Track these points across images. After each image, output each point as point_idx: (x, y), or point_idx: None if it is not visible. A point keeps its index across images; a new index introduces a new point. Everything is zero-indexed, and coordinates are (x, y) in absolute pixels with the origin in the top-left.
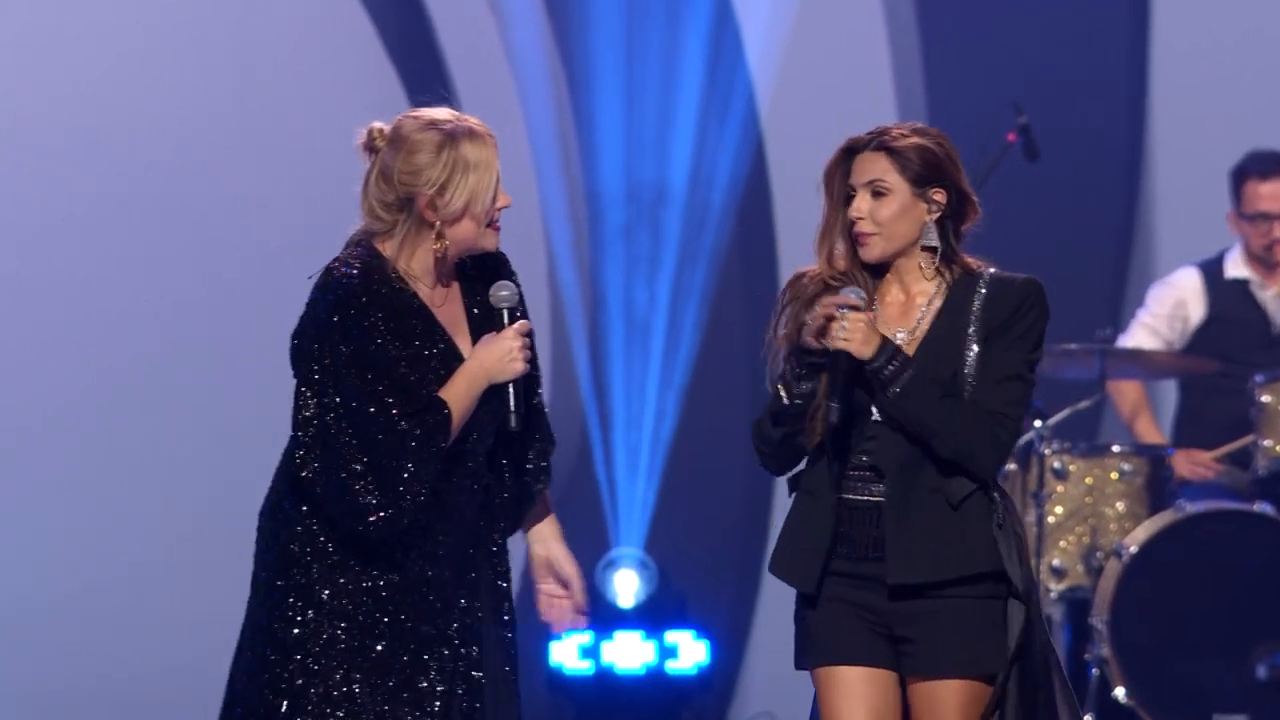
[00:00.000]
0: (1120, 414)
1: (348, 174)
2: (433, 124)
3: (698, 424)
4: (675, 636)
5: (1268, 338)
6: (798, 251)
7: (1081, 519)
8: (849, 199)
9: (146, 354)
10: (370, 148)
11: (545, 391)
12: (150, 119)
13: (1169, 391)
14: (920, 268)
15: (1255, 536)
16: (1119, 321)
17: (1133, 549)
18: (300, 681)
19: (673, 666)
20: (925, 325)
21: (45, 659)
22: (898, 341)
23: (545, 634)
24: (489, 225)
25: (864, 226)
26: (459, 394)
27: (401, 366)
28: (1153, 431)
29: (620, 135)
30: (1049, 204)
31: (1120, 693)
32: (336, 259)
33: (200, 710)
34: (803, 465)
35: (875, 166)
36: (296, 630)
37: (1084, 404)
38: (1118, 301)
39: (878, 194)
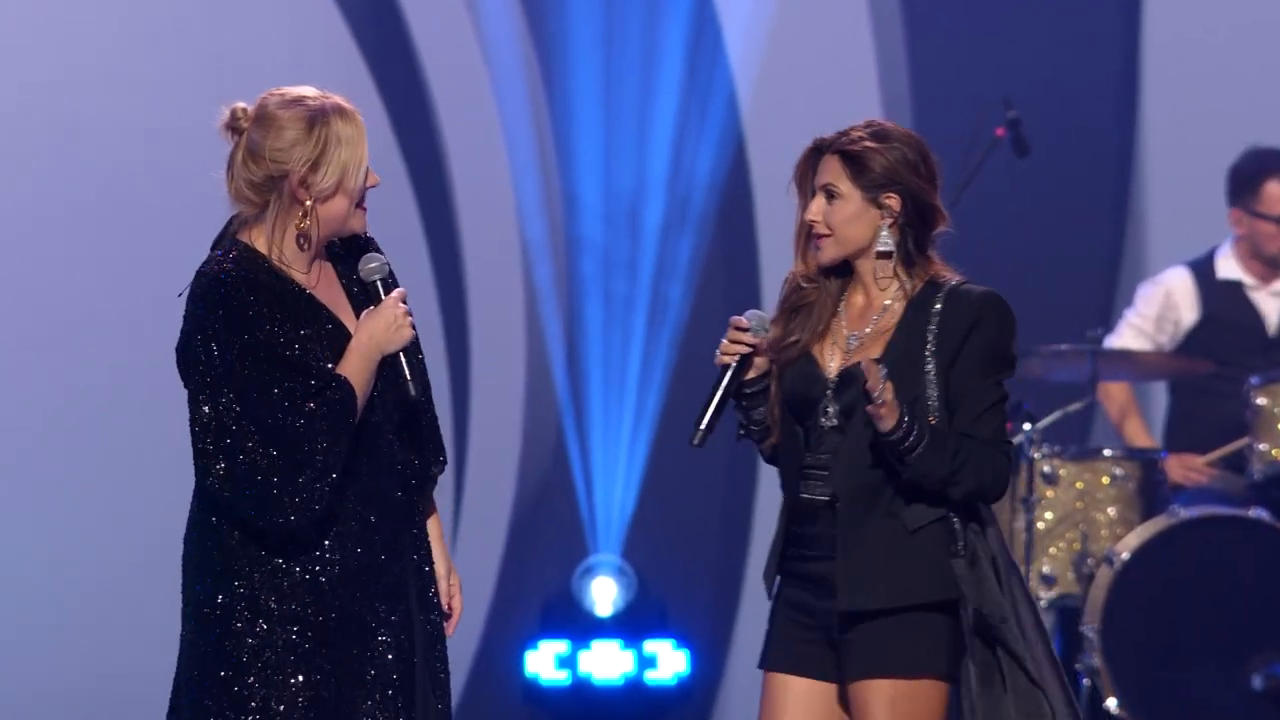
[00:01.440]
0: (1109, 416)
1: None
2: (300, 101)
3: (676, 428)
4: (654, 646)
5: (1263, 340)
6: (779, 254)
7: (1072, 525)
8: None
9: (129, 358)
10: (234, 128)
11: (521, 393)
12: (124, 118)
13: (1159, 394)
14: (875, 274)
15: (1251, 542)
16: (1110, 322)
17: (1125, 555)
18: (263, 694)
19: (652, 677)
20: (879, 334)
21: (46, 659)
22: (850, 346)
23: (521, 643)
24: (358, 205)
25: (817, 229)
26: (356, 369)
27: (295, 349)
28: (1142, 434)
29: (598, 134)
30: (1039, 201)
31: (1112, 704)
32: (205, 262)
33: None
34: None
35: (830, 169)
36: (252, 641)
37: (1074, 406)
38: (1109, 301)
39: (831, 197)
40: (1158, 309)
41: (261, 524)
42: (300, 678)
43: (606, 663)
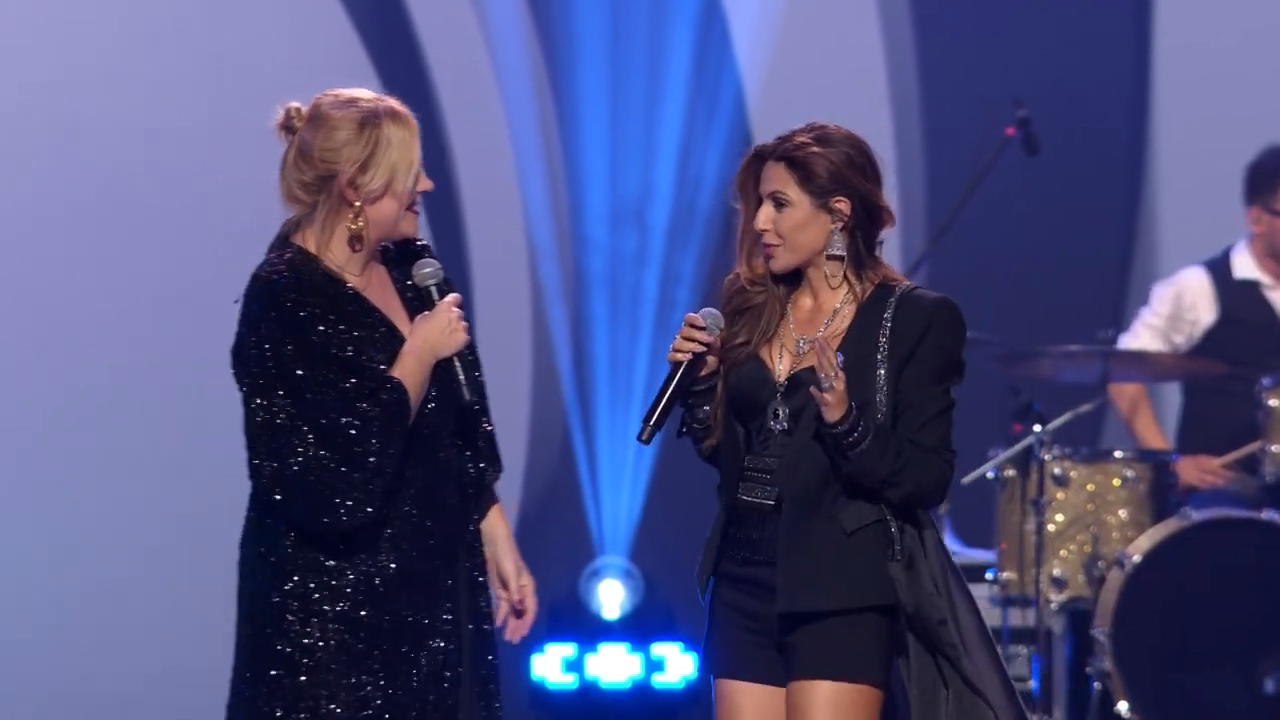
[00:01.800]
0: (1119, 412)
1: None
2: (353, 102)
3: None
4: (662, 649)
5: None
6: None
7: (1083, 527)
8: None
9: (129, 358)
10: (288, 127)
11: (528, 395)
12: (126, 117)
13: (1172, 394)
14: (826, 277)
15: (1263, 546)
16: (1121, 322)
17: (1136, 558)
18: (313, 693)
19: (659, 680)
20: (830, 338)
21: (55, 660)
22: (799, 349)
23: (527, 647)
24: (409, 208)
25: (768, 238)
26: (409, 371)
27: (349, 350)
28: (1153, 430)
29: (605, 135)
30: (1049, 200)
31: (1123, 708)
32: (260, 265)
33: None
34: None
35: (776, 176)
36: (306, 642)
37: (1085, 408)
38: (1120, 301)
39: (780, 204)
40: (1172, 308)
41: (313, 526)
42: (351, 679)
43: (614, 666)
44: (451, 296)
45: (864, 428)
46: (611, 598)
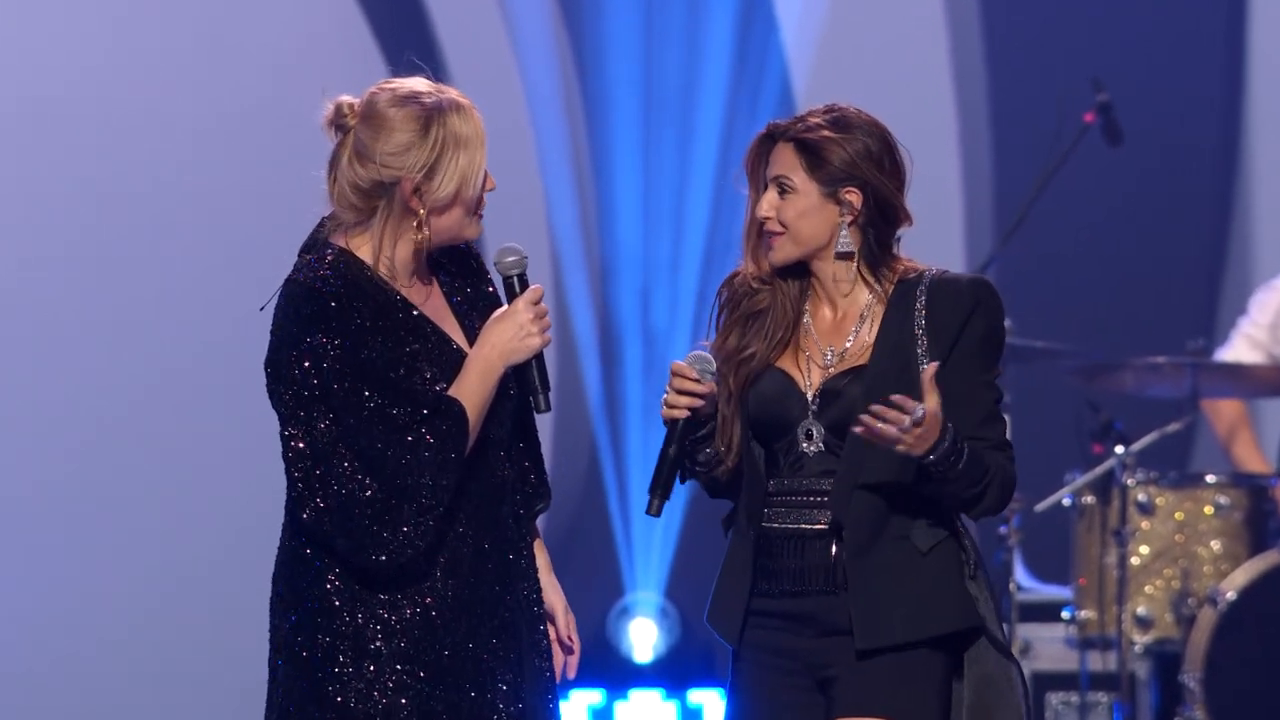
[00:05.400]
0: (1216, 434)
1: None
2: (413, 97)
3: None
4: (700, 696)
5: None
6: None
7: (1171, 560)
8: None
9: (130, 360)
10: (339, 125)
11: (554, 416)
12: (139, 114)
13: (1276, 412)
14: (835, 278)
15: None
16: (1213, 332)
17: (1230, 595)
18: None
19: None
20: (861, 344)
21: (68, 663)
22: (827, 360)
23: None
24: (474, 213)
25: (770, 225)
26: (472, 388)
27: (401, 369)
28: (1254, 454)
29: (637, 143)
30: (1132, 195)
31: None
32: (297, 268)
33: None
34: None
35: (784, 160)
36: (360, 686)
37: (1173, 427)
38: (1211, 308)
39: (784, 191)
40: (1273, 316)
41: (359, 562)
42: None
43: (646, 714)
44: (530, 292)
45: (959, 451)
46: (643, 638)
